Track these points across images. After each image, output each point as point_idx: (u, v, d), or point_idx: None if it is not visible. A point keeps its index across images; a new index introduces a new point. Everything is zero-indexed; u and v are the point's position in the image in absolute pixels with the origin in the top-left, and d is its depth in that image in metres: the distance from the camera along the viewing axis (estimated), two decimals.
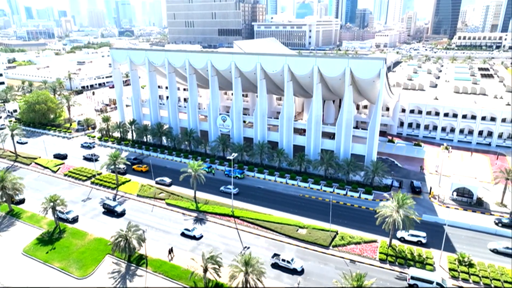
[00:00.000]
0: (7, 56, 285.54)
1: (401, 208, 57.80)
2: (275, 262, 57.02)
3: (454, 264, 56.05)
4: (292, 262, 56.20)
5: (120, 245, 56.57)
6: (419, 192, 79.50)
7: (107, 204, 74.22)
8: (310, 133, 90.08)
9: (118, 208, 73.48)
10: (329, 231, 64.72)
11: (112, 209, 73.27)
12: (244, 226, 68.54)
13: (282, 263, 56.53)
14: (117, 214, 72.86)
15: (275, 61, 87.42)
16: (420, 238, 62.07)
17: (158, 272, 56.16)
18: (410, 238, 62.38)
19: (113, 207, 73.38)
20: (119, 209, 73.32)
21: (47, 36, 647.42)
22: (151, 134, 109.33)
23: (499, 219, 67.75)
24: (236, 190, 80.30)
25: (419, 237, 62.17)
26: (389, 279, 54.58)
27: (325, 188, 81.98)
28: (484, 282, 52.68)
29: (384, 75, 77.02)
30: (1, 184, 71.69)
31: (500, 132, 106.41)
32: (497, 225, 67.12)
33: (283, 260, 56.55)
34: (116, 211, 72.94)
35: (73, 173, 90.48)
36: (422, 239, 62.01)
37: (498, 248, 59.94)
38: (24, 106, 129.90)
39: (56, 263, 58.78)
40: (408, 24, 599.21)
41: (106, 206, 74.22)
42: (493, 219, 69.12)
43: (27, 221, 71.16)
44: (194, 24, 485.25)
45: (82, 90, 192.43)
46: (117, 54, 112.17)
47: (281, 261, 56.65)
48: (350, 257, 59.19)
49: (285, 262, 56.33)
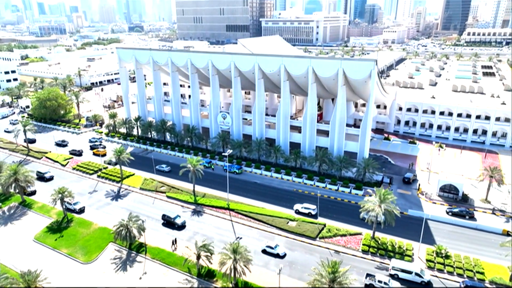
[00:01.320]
0: (20, 53, 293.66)
1: (383, 203, 61.52)
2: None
3: (431, 255, 59.73)
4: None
5: (121, 234, 61.53)
6: (409, 182, 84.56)
7: (167, 216, 70.90)
8: (305, 130, 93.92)
9: (178, 220, 70.39)
10: (317, 224, 68.84)
11: (172, 221, 70.02)
12: (238, 218, 73.03)
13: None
14: (177, 227, 69.68)
15: (272, 61, 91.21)
16: (310, 211, 72.72)
17: (156, 259, 61.08)
18: (303, 210, 73.32)
19: (173, 219, 70.05)
20: (179, 221, 70.22)
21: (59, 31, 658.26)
22: (155, 130, 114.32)
23: (450, 209, 72.89)
24: (168, 168, 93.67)
25: (309, 209, 72.82)
26: (369, 268, 58.54)
27: (318, 184, 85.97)
28: (457, 272, 56.36)
29: (375, 75, 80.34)
30: (14, 176, 77.27)
31: (494, 131, 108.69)
32: (448, 214, 72.56)
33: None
34: (176, 223, 69.71)
35: (81, 167, 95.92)
36: (312, 211, 72.56)
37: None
38: (36, 103, 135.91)
39: (64, 249, 64.16)
40: (418, 19, 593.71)
41: (165, 218, 71.00)
42: (477, 214, 72.38)
43: (38, 211, 76.81)
44: (203, 20, 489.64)
45: (91, 87, 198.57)
46: (123, 53, 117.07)
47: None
48: (335, 248, 63.31)
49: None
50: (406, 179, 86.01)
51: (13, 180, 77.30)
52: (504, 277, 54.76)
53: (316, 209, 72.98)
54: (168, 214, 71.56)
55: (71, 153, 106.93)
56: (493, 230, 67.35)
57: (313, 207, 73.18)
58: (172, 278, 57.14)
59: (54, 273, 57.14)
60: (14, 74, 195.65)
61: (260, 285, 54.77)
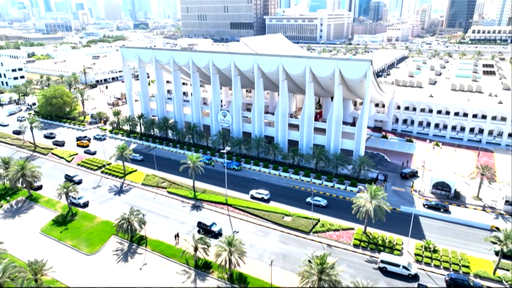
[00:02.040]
0: (27, 50, 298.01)
1: (374, 199, 63.86)
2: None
3: (420, 250, 62.04)
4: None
5: (123, 227, 64.49)
6: (406, 177, 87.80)
7: (203, 223, 69.54)
8: (303, 128, 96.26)
9: (215, 227, 68.64)
10: (311, 219, 71.33)
11: (208, 229, 68.29)
12: (236, 213, 75.73)
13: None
14: (214, 235, 67.56)
15: (270, 61, 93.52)
16: (263, 195, 79.73)
17: (156, 251, 64.03)
18: (257, 195, 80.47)
19: (209, 227, 68.50)
20: (216, 228, 68.48)
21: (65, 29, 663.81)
22: (157, 128, 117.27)
23: (426, 203, 76.32)
24: (141, 157, 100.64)
25: (262, 195, 79.94)
26: (360, 261, 61.05)
27: (315, 180, 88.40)
28: (444, 266, 58.65)
29: (370, 75, 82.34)
30: (21, 172, 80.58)
31: (490, 129, 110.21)
32: (424, 207, 76.10)
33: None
34: (213, 231, 67.89)
35: (85, 163, 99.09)
36: (265, 196, 79.60)
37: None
38: (42, 100, 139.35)
39: (69, 241, 67.35)
40: (422, 17, 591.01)
41: (201, 226, 69.56)
42: (468, 211, 74.50)
43: (44, 205, 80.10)
44: (207, 18, 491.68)
45: (96, 84, 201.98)
46: (127, 52, 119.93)
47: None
48: (327, 242, 65.83)
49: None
50: (403, 174, 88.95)
51: (20, 175, 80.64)
52: (489, 271, 57.00)
53: (268, 195, 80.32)
54: (204, 221, 69.71)
55: (54, 143, 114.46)
56: (482, 226, 69.37)
57: (266, 192, 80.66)
58: (171, 269, 60.03)
59: (59, 264, 60.18)
60: (21, 72, 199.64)
61: (254, 276, 57.47)
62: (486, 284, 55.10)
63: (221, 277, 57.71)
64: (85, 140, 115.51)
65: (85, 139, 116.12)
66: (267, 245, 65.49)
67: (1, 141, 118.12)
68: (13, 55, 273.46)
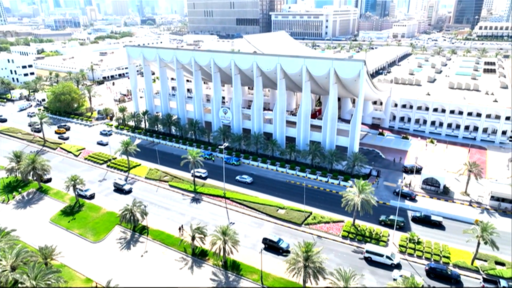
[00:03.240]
0: (36, 47, 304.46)
1: (362, 193, 67.51)
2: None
3: (404, 241, 65.64)
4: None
5: (126, 217, 69.04)
6: (405, 171, 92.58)
7: (269, 239, 65.39)
8: (299, 125, 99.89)
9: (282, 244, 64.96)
10: (304, 212, 75.26)
11: (275, 245, 64.44)
12: (233, 206, 79.93)
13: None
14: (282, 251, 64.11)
15: (269, 60, 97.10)
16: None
17: (157, 240, 68.57)
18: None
19: (276, 243, 64.49)
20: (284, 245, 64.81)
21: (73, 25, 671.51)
22: (161, 124, 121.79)
23: (397, 190, 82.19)
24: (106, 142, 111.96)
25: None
26: (347, 252, 64.95)
27: (310, 176, 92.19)
28: (425, 256, 62.30)
29: (364, 75, 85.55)
30: (32, 165, 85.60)
31: (485, 127, 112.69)
32: (393, 194, 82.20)
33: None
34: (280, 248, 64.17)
35: (92, 157, 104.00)
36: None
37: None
38: (51, 96, 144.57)
39: (76, 230, 72.25)
40: (430, 12, 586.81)
41: (267, 242, 65.41)
42: (455, 206, 77.76)
43: (53, 196, 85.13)
44: (213, 14, 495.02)
45: (103, 81, 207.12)
46: (132, 51, 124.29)
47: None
48: (317, 233, 69.76)
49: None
50: (407, 168, 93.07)
51: (31, 168, 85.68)
52: (467, 261, 60.50)
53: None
54: (270, 237, 65.93)
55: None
56: (467, 220, 72.60)
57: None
58: (170, 256, 64.52)
59: (67, 250, 64.94)
60: (31, 69, 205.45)
61: (247, 263, 61.70)
62: (464, 273, 58.66)
63: (216, 264, 62.04)
64: (62, 128, 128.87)
65: (64, 127, 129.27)
66: (261, 235, 69.48)
67: (13, 136, 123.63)
68: (23, 51, 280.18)
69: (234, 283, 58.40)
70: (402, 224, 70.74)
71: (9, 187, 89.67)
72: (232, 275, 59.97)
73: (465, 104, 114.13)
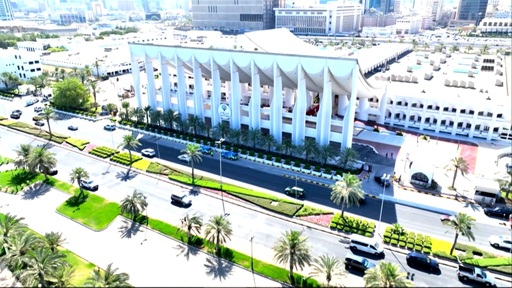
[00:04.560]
0: (43, 42, 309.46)
1: (349, 187, 71.19)
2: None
3: (389, 232, 69.35)
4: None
5: (127, 208, 73.37)
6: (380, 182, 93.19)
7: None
8: (295, 122, 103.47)
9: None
10: (295, 204, 79.12)
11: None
12: (229, 198, 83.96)
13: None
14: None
15: (266, 58, 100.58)
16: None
17: (155, 229, 72.88)
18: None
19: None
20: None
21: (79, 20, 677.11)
22: (163, 119, 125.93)
23: (376, 176, 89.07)
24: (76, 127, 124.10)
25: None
26: (334, 241, 68.81)
27: (304, 170, 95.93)
28: (408, 246, 65.98)
29: (357, 73, 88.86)
30: (39, 158, 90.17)
31: (477, 124, 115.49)
32: (374, 180, 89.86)
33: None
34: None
35: (96, 151, 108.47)
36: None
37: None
38: (57, 92, 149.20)
39: (80, 219, 76.78)
40: (435, 8, 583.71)
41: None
42: (441, 199, 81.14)
43: (59, 188, 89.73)
44: (217, 9, 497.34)
45: (107, 76, 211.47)
46: (135, 49, 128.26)
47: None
48: (307, 224, 73.64)
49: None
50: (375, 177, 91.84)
51: (38, 161, 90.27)
52: (447, 251, 64.11)
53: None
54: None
55: (11, 116, 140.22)
56: (451, 213, 75.92)
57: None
58: (168, 244, 68.80)
59: (72, 238, 69.41)
60: (38, 64, 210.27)
61: (239, 251, 65.80)
62: (443, 262, 62.32)
63: (210, 251, 66.22)
64: (39, 115, 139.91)
65: (41, 115, 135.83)
66: (254, 226, 73.64)
67: (21, 130, 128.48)
68: (29, 47, 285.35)
69: (226, 269, 62.55)
70: (301, 194, 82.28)
71: (18, 178, 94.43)
72: (225, 262, 64.13)
73: (458, 102, 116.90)
